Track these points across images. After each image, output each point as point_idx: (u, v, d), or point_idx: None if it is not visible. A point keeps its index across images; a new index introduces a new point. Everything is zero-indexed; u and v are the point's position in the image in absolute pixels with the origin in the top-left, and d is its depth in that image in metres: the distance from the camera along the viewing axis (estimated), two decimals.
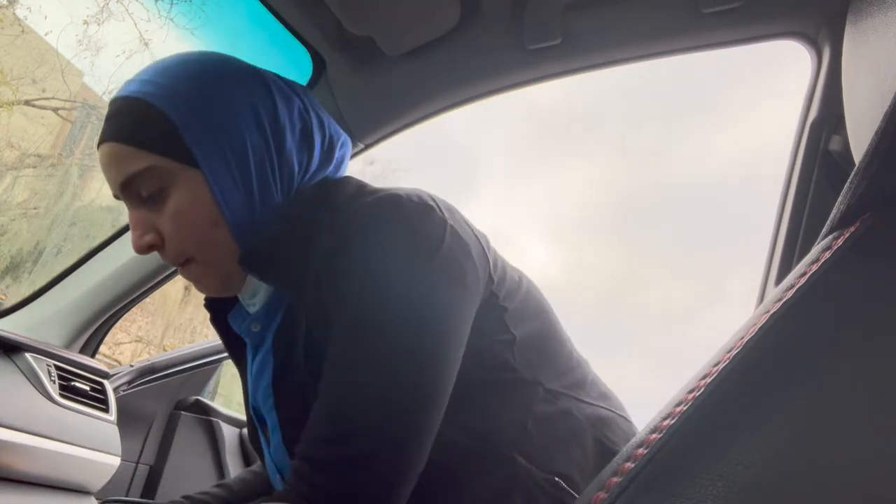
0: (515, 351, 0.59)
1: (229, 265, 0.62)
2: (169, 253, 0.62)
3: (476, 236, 0.61)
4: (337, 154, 0.68)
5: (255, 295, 0.65)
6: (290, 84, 0.66)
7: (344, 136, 0.70)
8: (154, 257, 1.19)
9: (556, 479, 0.55)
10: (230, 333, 0.71)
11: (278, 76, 0.66)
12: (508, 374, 0.59)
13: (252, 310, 0.66)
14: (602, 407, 0.64)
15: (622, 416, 0.67)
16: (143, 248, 0.61)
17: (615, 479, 0.27)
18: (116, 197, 0.63)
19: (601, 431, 0.61)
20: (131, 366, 1.39)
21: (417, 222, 0.56)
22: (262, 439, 0.67)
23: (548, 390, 0.60)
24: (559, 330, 0.67)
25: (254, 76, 0.63)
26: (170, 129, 0.58)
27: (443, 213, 0.58)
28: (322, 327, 0.56)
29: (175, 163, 0.58)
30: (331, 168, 0.67)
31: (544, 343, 0.63)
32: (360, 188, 0.63)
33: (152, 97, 0.59)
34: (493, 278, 0.60)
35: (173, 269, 1.23)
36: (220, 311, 0.71)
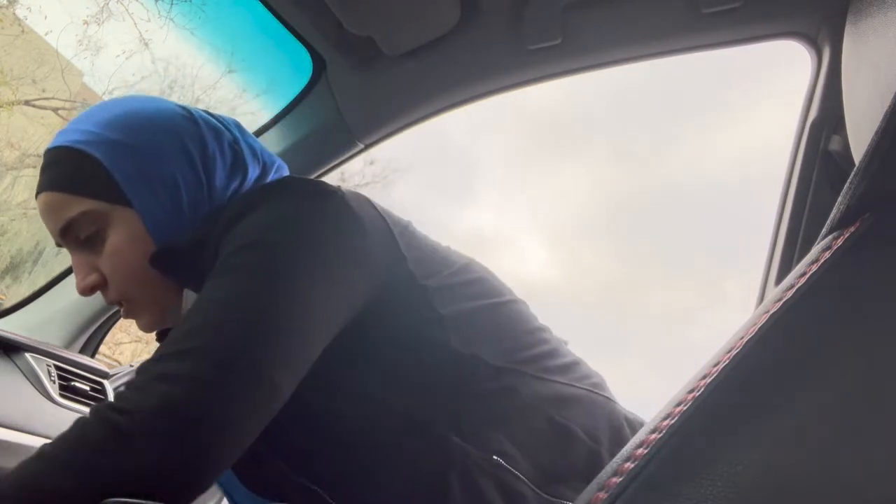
0: (447, 329, 0.59)
1: (166, 297, 0.65)
2: (111, 293, 0.64)
3: (381, 217, 0.62)
4: (270, 177, 0.70)
5: None
6: (220, 119, 0.69)
7: (279, 163, 0.72)
8: None
9: (496, 458, 0.54)
10: None
11: (210, 113, 0.69)
12: (441, 353, 0.59)
13: None
14: (561, 383, 0.63)
15: (596, 392, 0.66)
16: (86, 290, 0.63)
17: (615, 479, 0.27)
18: (59, 245, 0.66)
19: (558, 410, 0.60)
20: (131, 366, 1.39)
21: (304, 190, 0.59)
22: None
23: (490, 366, 0.59)
24: (509, 305, 0.67)
25: (181, 115, 0.65)
26: (100, 172, 0.61)
27: (331, 189, 0.60)
28: None
29: (108, 204, 0.61)
30: None
31: (486, 318, 0.63)
32: (256, 189, 0.65)
33: (82, 144, 0.61)
34: (405, 256, 0.61)
35: None
36: None
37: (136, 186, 0.61)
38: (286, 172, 0.73)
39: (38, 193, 0.64)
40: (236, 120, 0.71)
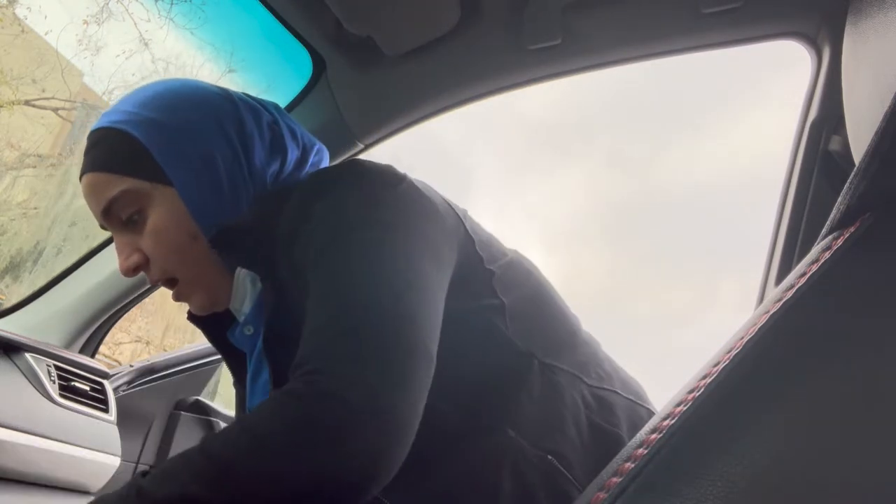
0: (507, 318, 0.59)
1: (214, 278, 0.64)
2: (153, 271, 0.64)
3: (446, 201, 0.63)
4: (311, 160, 0.70)
5: (243, 303, 0.66)
6: (259, 101, 0.69)
7: (319, 145, 0.72)
8: None
9: (549, 457, 0.54)
10: (230, 350, 0.71)
11: (249, 95, 0.69)
12: (501, 343, 0.58)
13: (242, 318, 0.67)
14: (606, 389, 0.63)
15: (639, 404, 0.65)
16: (129, 270, 0.63)
17: (615, 479, 0.27)
18: (103, 227, 0.66)
19: (600, 413, 0.60)
20: (131, 366, 1.39)
21: (379, 172, 0.59)
22: None
23: (543, 364, 0.59)
24: (557, 303, 0.67)
25: (219, 95, 0.66)
26: (140, 152, 0.61)
27: (400, 173, 0.61)
28: (298, 290, 0.56)
29: (148, 183, 0.61)
30: (303, 173, 0.69)
31: (538, 313, 0.63)
32: (320, 172, 0.65)
33: (123, 125, 0.62)
34: (472, 238, 0.61)
35: None
36: (215, 329, 0.72)
37: (175, 164, 0.61)
38: (326, 155, 0.73)
39: (81, 175, 0.64)
40: (276, 102, 0.71)
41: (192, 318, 0.71)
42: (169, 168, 0.61)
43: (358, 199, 0.56)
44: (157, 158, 0.61)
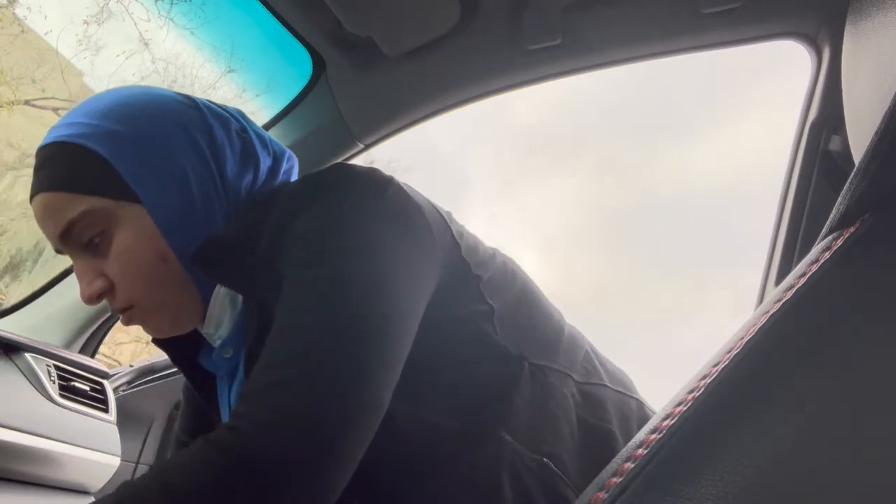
0: (496, 323, 0.58)
1: (180, 300, 0.60)
2: (119, 298, 0.58)
3: (431, 204, 0.60)
4: (283, 168, 0.66)
5: (219, 325, 0.62)
6: (224, 108, 0.65)
7: (289, 152, 0.68)
8: None
9: (545, 459, 0.54)
10: (196, 372, 0.68)
11: (212, 102, 0.64)
12: (492, 348, 0.57)
13: (218, 342, 0.63)
14: (594, 383, 0.62)
15: (628, 395, 0.65)
16: (92, 298, 0.58)
17: (615, 480, 0.27)
18: (58, 251, 0.60)
19: (590, 410, 0.60)
20: (131, 366, 1.39)
21: (362, 180, 0.56)
22: None
23: (534, 365, 0.58)
24: (542, 302, 0.66)
25: (183, 103, 0.61)
26: (102, 167, 0.56)
27: (386, 177, 0.58)
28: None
29: (113, 201, 0.56)
30: (277, 183, 0.65)
31: (526, 314, 0.62)
32: (298, 182, 0.62)
33: (80, 139, 0.56)
34: (458, 244, 0.59)
35: None
36: (180, 350, 0.68)
37: (143, 180, 0.56)
38: (296, 163, 0.70)
39: (32, 196, 0.58)
40: (239, 109, 0.67)
41: (158, 341, 0.67)
42: (136, 184, 0.56)
43: (337, 216, 0.53)
44: (123, 174, 0.56)
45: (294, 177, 0.69)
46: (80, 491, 1.09)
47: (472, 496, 0.53)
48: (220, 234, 0.57)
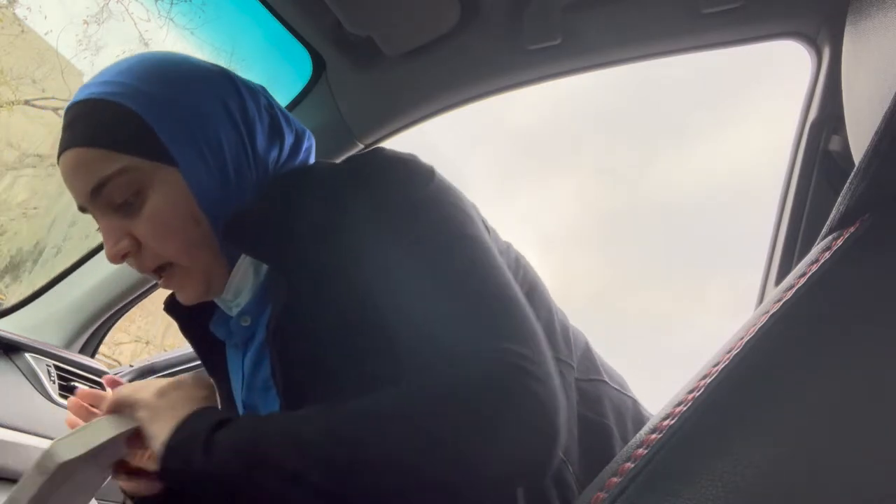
0: None
1: (211, 264, 0.60)
2: (146, 258, 0.58)
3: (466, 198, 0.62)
4: (304, 146, 0.67)
5: (239, 293, 0.63)
6: (251, 82, 0.65)
7: (307, 131, 0.69)
8: None
9: (561, 455, 0.53)
10: (204, 341, 0.69)
11: (238, 75, 0.65)
12: None
13: (236, 310, 0.64)
14: (594, 379, 0.63)
15: (624, 393, 0.65)
16: (117, 257, 0.57)
17: (615, 480, 0.27)
18: (82, 209, 0.60)
19: (588, 405, 0.60)
20: (131, 366, 1.39)
21: (414, 163, 0.57)
22: None
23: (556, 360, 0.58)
24: (549, 300, 0.66)
25: (217, 72, 0.61)
26: (142, 127, 0.55)
27: (429, 165, 0.59)
28: (326, 284, 0.54)
29: (150, 162, 0.55)
30: (299, 160, 0.66)
31: (536, 306, 0.62)
32: (336, 163, 0.63)
33: (118, 97, 0.55)
34: (488, 229, 0.60)
35: None
36: (189, 319, 0.69)
37: (181, 144, 0.56)
38: (314, 143, 0.70)
39: (61, 152, 0.56)
40: (262, 85, 0.68)
41: (170, 308, 0.68)
42: (174, 147, 0.55)
43: (402, 190, 0.54)
44: (160, 136, 0.55)
45: (313, 156, 0.70)
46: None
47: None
48: (253, 208, 0.58)
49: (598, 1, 0.89)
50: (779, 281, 0.76)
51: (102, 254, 1.23)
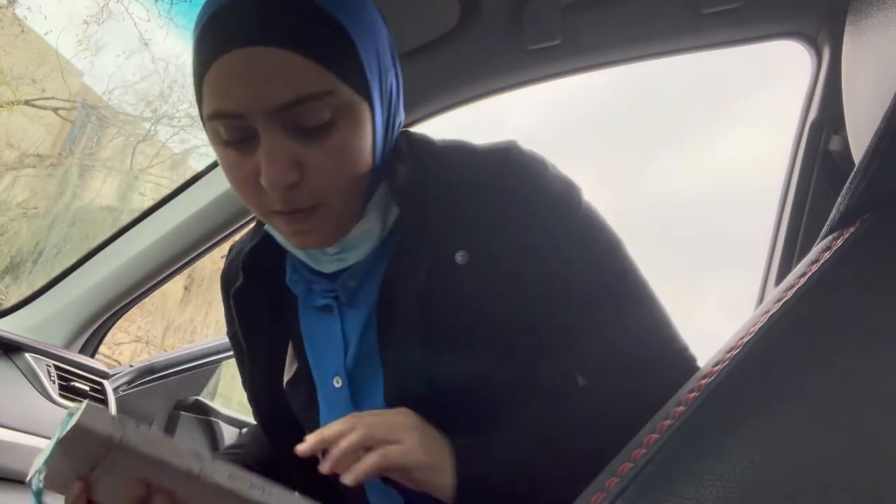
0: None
1: (355, 212, 0.55)
2: (301, 194, 0.50)
3: None
4: (397, 122, 0.64)
5: (350, 249, 0.57)
6: None
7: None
8: (155, 255, 1.19)
9: None
10: (261, 305, 0.64)
11: None
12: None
13: (342, 264, 0.58)
14: None
15: None
16: (280, 186, 0.49)
17: (614, 480, 0.27)
18: (238, 115, 0.48)
19: None
20: (131, 366, 1.39)
21: (566, 179, 0.61)
22: (331, 406, 0.62)
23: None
24: None
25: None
26: (353, 52, 0.49)
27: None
28: (499, 269, 0.55)
29: (351, 91, 0.49)
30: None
31: None
32: (460, 141, 0.64)
33: (332, 4, 0.48)
34: None
35: (174, 268, 1.23)
36: (263, 277, 0.63)
37: (377, 82, 0.52)
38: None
39: (249, 43, 0.46)
40: None
41: (249, 264, 0.62)
42: (372, 81, 0.51)
43: (577, 201, 0.59)
44: (366, 67, 0.50)
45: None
46: None
47: None
48: (418, 171, 0.58)
49: (598, 1, 0.89)
50: (779, 281, 0.76)
51: (102, 254, 1.22)
